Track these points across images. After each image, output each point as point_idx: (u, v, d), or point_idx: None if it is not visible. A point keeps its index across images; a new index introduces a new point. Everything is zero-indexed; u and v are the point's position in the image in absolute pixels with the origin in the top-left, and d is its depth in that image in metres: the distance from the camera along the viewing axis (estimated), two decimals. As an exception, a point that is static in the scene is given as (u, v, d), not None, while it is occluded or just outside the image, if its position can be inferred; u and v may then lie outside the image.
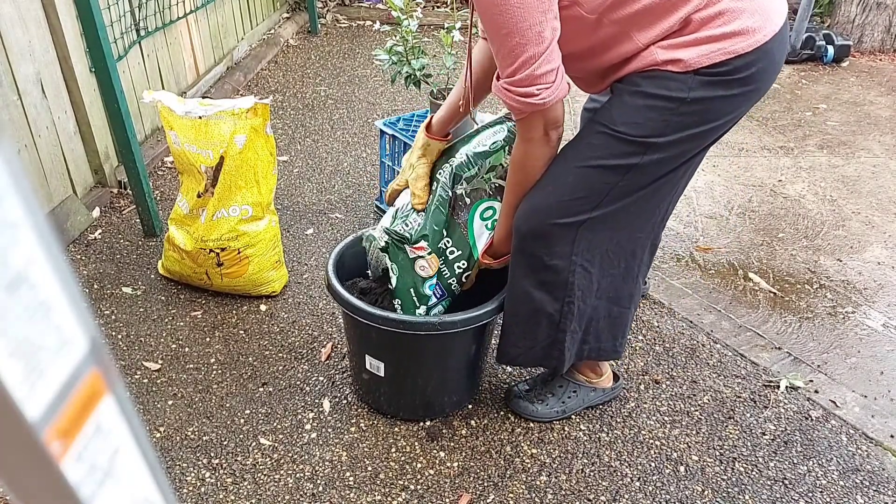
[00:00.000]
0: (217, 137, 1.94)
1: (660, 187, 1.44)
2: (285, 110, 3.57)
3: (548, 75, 1.27)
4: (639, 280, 1.62)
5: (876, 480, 1.68)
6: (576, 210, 1.43)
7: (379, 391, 1.76)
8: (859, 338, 2.15)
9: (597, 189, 1.41)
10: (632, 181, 1.40)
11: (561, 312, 1.55)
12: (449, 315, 1.57)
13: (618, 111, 1.37)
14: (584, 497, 1.62)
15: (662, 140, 1.34)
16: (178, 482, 1.61)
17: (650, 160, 1.37)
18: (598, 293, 1.57)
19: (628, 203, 1.43)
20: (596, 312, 1.61)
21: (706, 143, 1.41)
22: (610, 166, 1.39)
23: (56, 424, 0.26)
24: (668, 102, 1.31)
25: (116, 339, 2.02)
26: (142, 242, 2.44)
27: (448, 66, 2.30)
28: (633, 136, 1.35)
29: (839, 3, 4.71)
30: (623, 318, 1.65)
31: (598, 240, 1.48)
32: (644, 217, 1.49)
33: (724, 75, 1.29)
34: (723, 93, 1.31)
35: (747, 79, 1.31)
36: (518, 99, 1.30)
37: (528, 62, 1.25)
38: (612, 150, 1.37)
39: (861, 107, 3.85)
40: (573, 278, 1.51)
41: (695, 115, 1.33)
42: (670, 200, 1.52)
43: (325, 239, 2.52)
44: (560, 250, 1.47)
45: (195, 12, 3.44)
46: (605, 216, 1.44)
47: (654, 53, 1.31)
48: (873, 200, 2.94)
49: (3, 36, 2.08)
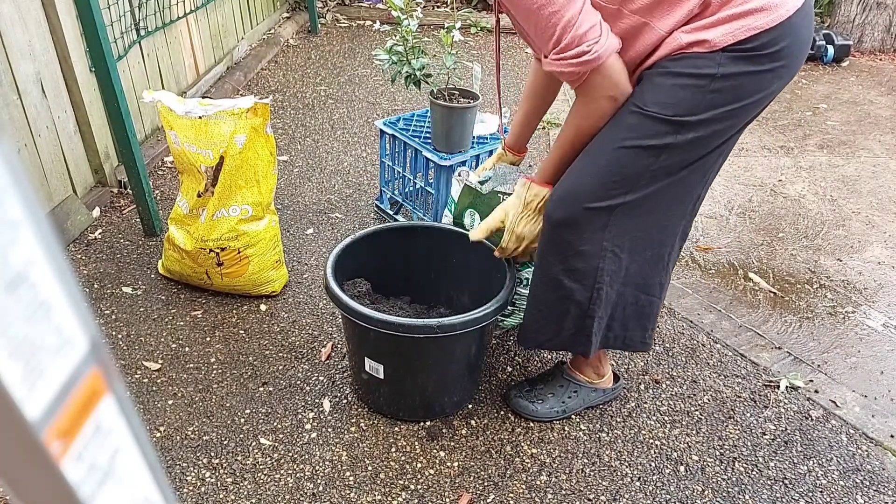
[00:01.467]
0: (217, 137, 1.94)
1: (693, 172, 1.44)
2: (285, 110, 3.57)
3: (591, 31, 1.28)
4: (668, 269, 1.61)
5: (876, 480, 1.68)
6: (611, 194, 1.43)
7: (378, 392, 1.76)
8: (859, 338, 2.15)
9: (632, 171, 1.41)
10: (666, 163, 1.40)
11: (590, 299, 1.55)
12: (448, 318, 1.56)
13: (649, 93, 1.37)
14: (584, 497, 1.62)
15: (695, 118, 1.35)
16: (178, 482, 1.61)
17: (684, 139, 1.37)
18: (625, 279, 1.57)
19: (662, 188, 1.43)
20: (622, 299, 1.60)
21: (738, 125, 1.41)
22: (645, 147, 1.38)
23: (56, 424, 0.26)
24: (699, 80, 1.32)
25: (116, 339, 2.02)
26: (142, 242, 2.44)
27: (448, 66, 2.30)
28: (666, 115, 1.35)
29: (839, 3, 4.70)
30: (652, 307, 1.65)
31: (629, 225, 1.48)
32: (676, 203, 1.50)
33: (753, 51, 1.30)
34: (752, 68, 1.32)
35: (775, 55, 1.31)
36: (572, 62, 1.30)
37: (567, 26, 1.26)
38: (647, 131, 1.37)
39: (861, 106, 3.85)
40: (603, 264, 1.51)
41: (726, 91, 1.33)
42: (702, 187, 1.52)
43: (325, 239, 2.52)
44: (591, 236, 1.47)
45: (195, 12, 3.44)
46: (638, 201, 1.44)
47: (677, 38, 1.32)
48: (873, 200, 2.93)
49: (3, 36, 2.08)
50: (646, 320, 1.66)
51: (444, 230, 1.94)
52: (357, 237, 1.85)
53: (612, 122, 1.45)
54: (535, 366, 1.99)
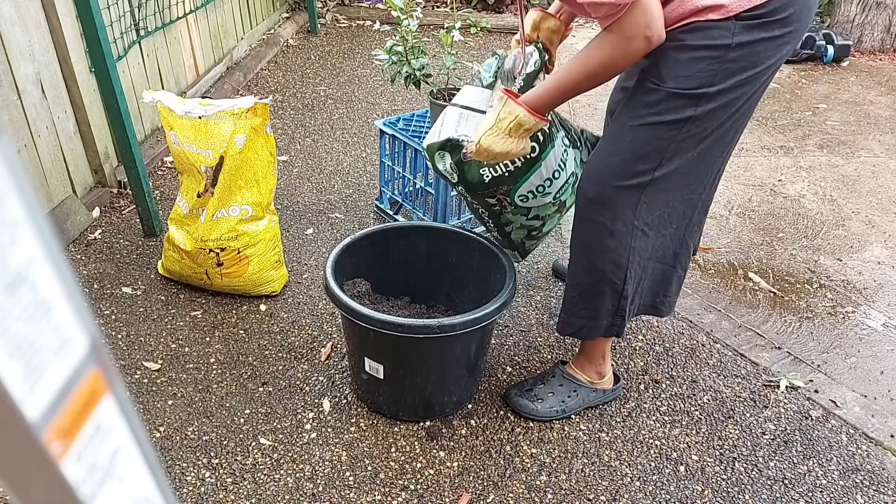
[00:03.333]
0: (217, 137, 1.94)
1: (713, 145, 1.47)
2: (285, 110, 3.57)
3: None
4: (685, 240, 1.65)
5: (876, 480, 1.68)
6: (638, 171, 1.45)
7: (378, 392, 1.76)
8: (859, 337, 2.15)
9: (656, 146, 1.43)
10: (688, 135, 1.42)
11: (624, 280, 1.58)
12: (448, 318, 1.56)
13: (665, 68, 1.38)
14: (583, 497, 1.62)
15: (713, 89, 1.37)
16: (178, 482, 1.61)
17: (703, 111, 1.39)
18: (650, 255, 1.61)
19: (685, 161, 1.46)
20: (646, 272, 1.65)
21: (751, 92, 1.42)
22: (666, 122, 1.41)
23: (56, 424, 0.26)
24: (714, 51, 1.34)
25: (116, 339, 2.02)
26: (142, 242, 2.44)
27: (448, 66, 2.30)
28: (685, 89, 1.37)
29: (839, 3, 4.70)
30: (666, 275, 1.68)
31: (656, 202, 1.51)
32: (698, 178, 1.53)
33: (764, 17, 1.32)
34: (764, 35, 1.34)
35: (785, 20, 1.34)
36: None
37: None
38: (667, 106, 1.39)
39: (861, 106, 3.85)
40: (634, 242, 1.54)
41: (741, 60, 1.35)
42: (722, 161, 1.55)
43: (325, 239, 2.52)
44: (623, 214, 1.50)
45: (195, 12, 3.44)
46: (665, 177, 1.46)
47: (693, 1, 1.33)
48: (873, 200, 2.94)
49: (3, 36, 2.08)
50: (658, 287, 1.70)
51: (443, 230, 1.94)
52: (357, 237, 1.85)
53: (630, 100, 1.47)
54: (534, 365, 1.99)
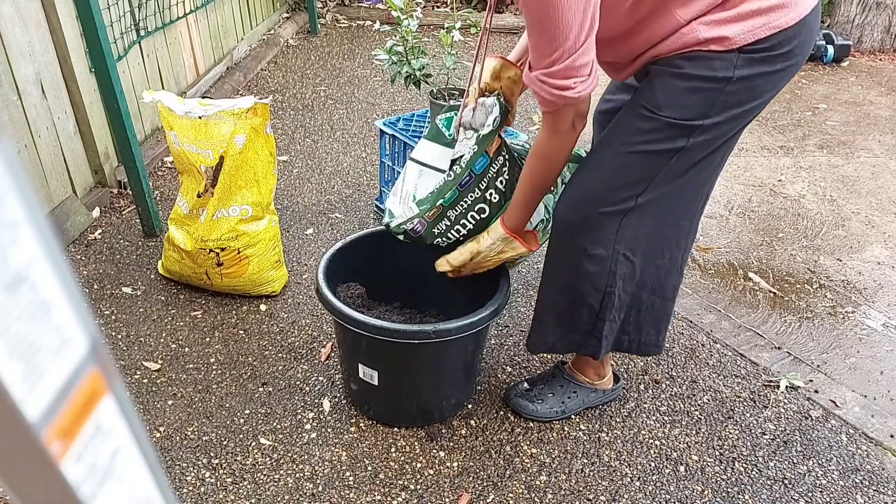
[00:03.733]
0: (217, 137, 1.94)
1: (701, 171, 1.43)
2: (285, 110, 3.57)
3: (584, 67, 1.27)
4: (682, 271, 1.61)
5: (876, 480, 1.68)
6: (623, 197, 1.42)
7: (373, 399, 1.74)
8: (859, 338, 2.15)
9: (644, 174, 1.40)
10: (677, 165, 1.39)
11: (601, 302, 1.55)
12: (444, 323, 1.55)
13: (662, 95, 1.34)
14: (583, 497, 1.62)
15: (708, 122, 1.34)
16: (178, 482, 1.61)
17: (695, 142, 1.36)
18: (639, 283, 1.56)
19: (673, 189, 1.43)
20: (638, 302, 1.60)
21: (745, 123, 1.40)
22: (657, 151, 1.38)
23: (56, 424, 0.26)
24: (714, 83, 1.30)
25: (116, 339, 2.02)
26: (142, 242, 2.44)
27: (448, 66, 2.30)
28: (680, 119, 1.34)
29: (839, 3, 4.71)
30: (666, 310, 1.64)
31: (642, 228, 1.47)
32: (686, 203, 1.49)
33: (768, 51, 1.28)
34: (766, 69, 1.31)
35: (788, 53, 1.30)
36: (553, 92, 1.29)
37: (567, 52, 1.24)
38: (659, 135, 1.36)
39: (861, 107, 3.85)
40: (615, 267, 1.50)
41: (739, 93, 1.32)
42: (710, 186, 1.51)
43: (325, 239, 2.52)
44: (603, 239, 1.47)
45: (195, 12, 3.44)
46: (650, 203, 1.43)
47: (695, 31, 1.29)
48: (873, 200, 2.94)
49: (3, 36, 2.08)
50: (661, 324, 1.65)
51: None
52: (348, 241, 1.81)
53: (621, 125, 1.43)
54: (534, 366, 1.99)
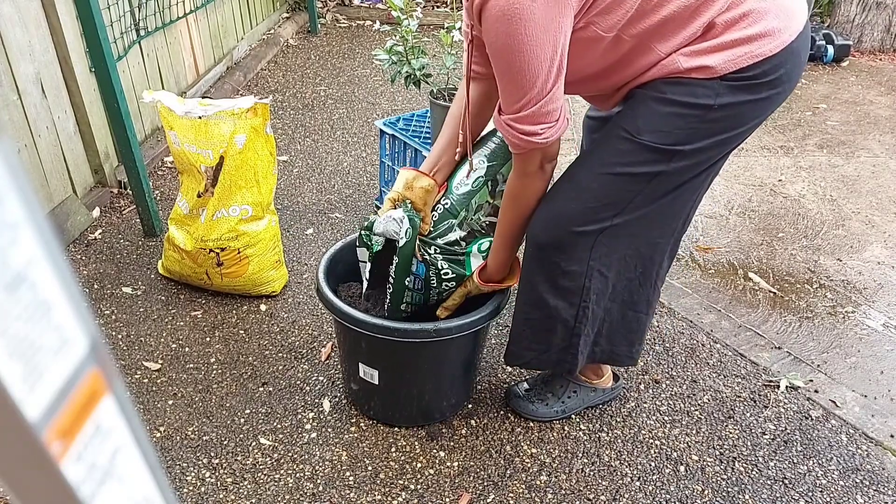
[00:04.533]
0: (217, 137, 1.94)
1: (682, 193, 1.42)
2: (285, 110, 3.57)
3: (552, 114, 1.27)
4: (657, 286, 1.58)
5: (876, 480, 1.68)
6: (598, 217, 1.41)
7: (373, 398, 1.74)
8: (859, 337, 2.15)
9: (620, 196, 1.39)
10: (656, 188, 1.38)
11: (576, 317, 1.54)
12: (444, 322, 1.55)
13: (642, 119, 1.33)
14: (583, 497, 1.62)
15: (689, 148, 1.32)
16: (178, 482, 1.61)
17: (676, 167, 1.35)
18: (611, 296, 1.55)
19: (650, 210, 1.41)
20: (609, 315, 1.59)
21: (730, 148, 1.39)
22: (635, 174, 1.36)
23: (56, 424, 0.26)
24: (695, 110, 1.28)
25: (116, 339, 2.02)
26: (142, 242, 2.44)
27: (448, 66, 2.30)
28: (660, 144, 1.32)
29: (839, 3, 4.70)
30: (639, 323, 1.62)
31: (617, 245, 1.46)
32: (665, 223, 1.47)
33: (752, 79, 1.26)
34: (750, 97, 1.28)
35: (774, 81, 1.28)
36: (520, 136, 1.29)
37: (534, 99, 1.24)
38: (638, 158, 1.35)
39: (861, 106, 3.85)
40: (589, 283, 1.49)
41: (722, 121, 1.30)
42: (692, 206, 1.49)
43: (325, 239, 2.52)
44: (578, 256, 1.46)
45: (195, 12, 3.44)
46: (626, 223, 1.42)
47: (676, 62, 1.27)
48: (873, 200, 2.94)
49: (3, 36, 2.08)
50: (633, 335, 1.64)
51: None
52: (348, 241, 1.81)
53: (601, 146, 1.42)
54: (534, 366, 1.99)
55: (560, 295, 1.51)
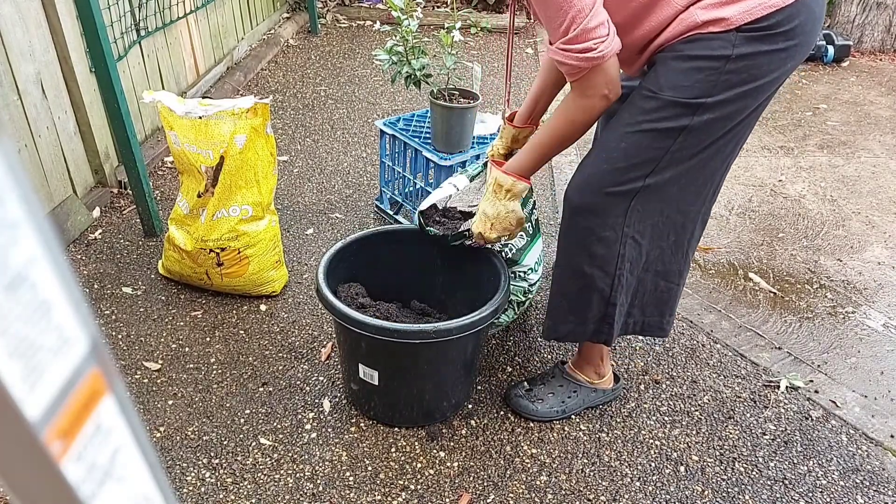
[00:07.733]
0: (217, 137, 1.94)
1: (712, 156, 1.45)
2: (285, 110, 3.57)
3: (600, 28, 1.30)
4: (688, 256, 1.62)
5: (876, 480, 1.68)
6: (630, 177, 1.44)
7: (373, 399, 1.74)
8: (859, 338, 2.15)
9: (650, 154, 1.42)
10: (684, 145, 1.41)
11: (612, 286, 1.56)
12: (444, 322, 1.55)
13: (663, 77, 1.38)
14: (584, 497, 1.62)
15: (711, 100, 1.35)
16: (178, 482, 1.61)
17: (701, 121, 1.38)
18: (645, 266, 1.58)
19: (681, 172, 1.44)
20: (643, 285, 1.62)
21: (753, 105, 1.41)
22: (662, 129, 1.39)
23: (56, 424, 0.26)
24: (714, 62, 1.33)
25: (116, 339, 2.02)
26: (142, 242, 2.44)
27: (448, 66, 2.30)
28: (682, 98, 1.36)
29: (839, 3, 4.71)
30: (671, 293, 1.66)
31: (649, 211, 1.49)
32: (696, 189, 1.50)
33: (767, 30, 1.30)
34: (767, 48, 1.32)
35: (790, 33, 1.32)
36: (576, 56, 1.32)
37: (577, 17, 1.28)
38: (663, 114, 1.38)
39: (861, 107, 3.85)
40: (624, 250, 1.52)
41: (741, 72, 1.34)
42: (721, 174, 1.52)
43: (325, 239, 2.52)
44: (612, 221, 1.48)
45: (195, 12, 3.44)
46: (658, 185, 1.45)
47: (693, 15, 1.33)
48: (873, 200, 2.94)
49: (3, 36, 2.08)
50: (664, 306, 1.67)
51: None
52: (348, 241, 1.82)
53: (626, 107, 1.46)
54: (534, 365, 1.99)
55: (595, 263, 1.54)
